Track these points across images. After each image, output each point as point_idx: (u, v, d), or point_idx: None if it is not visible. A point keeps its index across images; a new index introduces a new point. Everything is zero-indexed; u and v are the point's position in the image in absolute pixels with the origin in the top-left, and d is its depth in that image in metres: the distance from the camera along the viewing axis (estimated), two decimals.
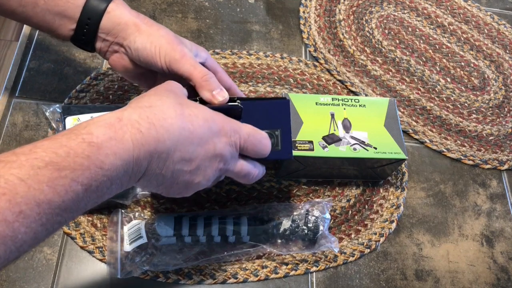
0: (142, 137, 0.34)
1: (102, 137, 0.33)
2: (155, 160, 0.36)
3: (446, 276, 0.59)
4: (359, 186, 0.63)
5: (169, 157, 0.36)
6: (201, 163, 0.39)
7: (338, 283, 0.56)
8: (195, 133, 0.37)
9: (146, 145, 0.34)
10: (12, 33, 0.68)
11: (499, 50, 0.83)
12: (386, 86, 0.74)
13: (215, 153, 0.39)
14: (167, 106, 0.37)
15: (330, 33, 0.78)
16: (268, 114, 0.47)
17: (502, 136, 0.73)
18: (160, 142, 0.35)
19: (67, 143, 0.31)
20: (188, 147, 0.37)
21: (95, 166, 0.32)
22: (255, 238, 0.53)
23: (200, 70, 0.45)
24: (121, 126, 0.34)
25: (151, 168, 0.36)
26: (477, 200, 0.66)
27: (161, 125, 0.35)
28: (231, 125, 0.41)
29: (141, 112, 0.35)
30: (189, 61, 0.45)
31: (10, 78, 0.63)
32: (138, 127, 0.34)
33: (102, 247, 0.53)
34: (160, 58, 0.45)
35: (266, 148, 0.44)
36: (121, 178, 0.34)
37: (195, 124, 0.38)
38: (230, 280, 0.54)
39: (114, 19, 0.46)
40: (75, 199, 0.31)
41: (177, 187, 0.40)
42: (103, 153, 0.32)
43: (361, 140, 0.57)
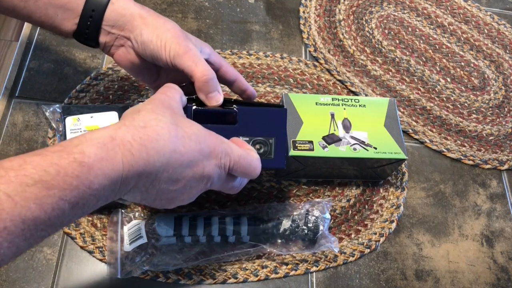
0: (132, 158, 0.34)
1: (94, 157, 0.33)
2: (143, 180, 0.36)
3: (446, 276, 0.59)
4: (359, 186, 0.63)
5: (157, 178, 0.36)
6: (187, 184, 0.39)
7: (338, 283, 0.56)
8: (185, 156, 0.37)
9: (135, 166, 0.34)
10: (12, 33, 0.68)
11: (499, 50, 0.83)
12: (386, 86, 0.74)
13: (203, 175, 0.39)
14: (161, 127, 0.37)
15: (330, 33, 0.78)
16: (264, 121, 0.47)
17: (502, 136, 0.73)
18: (150, 164, 0.35)
19: (58, 162, 0.31)
20: (177, 169, 0.37)
21: (84, 186, 0.32)
22: (255, 238, 0.53)
23: (201, 68, 0.44)
24: (113, 146, 0.34)
25: (138, 187, 0.36)
26: (477, 200, 0.66)
27: (152, 147, 0.35)
28: (223, 148, 0.41)
29: (135, 132, 0.35)
30: (192, 57, 0.44)
31: (10, 78, 0.63)
32: (130, 149, 0.34)
33: (102, 247, 0.53)
34: (166, 52, 0.44)
35: (255, 171, 0.44)
36: (107, 196, 0.34)
37: (187, 146, 0.38)
38: (230, 280, 0.54)
39: (119, 10, 0.45)
40: (60, 216, 0.31)
41: (159, 202, 0.40)
42: (93, 174, 0.32)
43: (361, 140, 0.57)
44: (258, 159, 0.44)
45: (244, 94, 0.52)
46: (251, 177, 0.44)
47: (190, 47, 0.44)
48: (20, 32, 0.69)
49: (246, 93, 0.52)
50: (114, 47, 0.48)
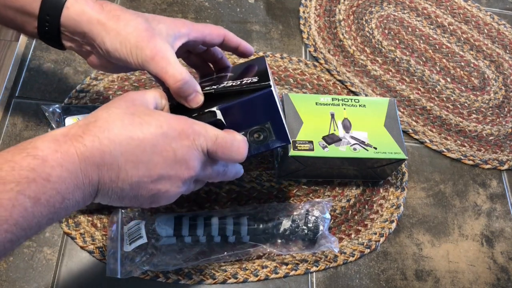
0: (86, 149, 0.33)
1: (47, 150, 0.32)
2: (105, 172, 0.34)
3: (446, 276, 0.59)
4: (359, 186, 0.63)
5: (121, 168, 0.35)
6: (163, 172, 0.37)
7: (338, 283, 0.56)
8: (145, 141, 0.35)
9: (91, 158, 0.33)
10: (12, 33, 0.68)
11: (499, 50, 0.83)
12: (386, 86, 0.74)
13: (176, 159, 0.37)
14: (114, 118, 0.35)
15: (330, 33, 0.78)
16: (253, 111, 0.44)
17: (502, 136, 0.73)
18: (106, 153, 0.34)
19: (12, 158, 0.31)
20: (141, 156, 0.35)
21: (41, 178, 0.31)
22: (255, 238, 0.53)
23: (172, 74, 0.40)
24: (65, 140, 0.33)
25: (105, 182, 0.35)
26: (477, 200, 0.66)
27: (105, 136, 0.34)
28: (194, 128, 0.38)
29: (85, 128, 0.34)
30: (160, 62, 0.40)
31: (10, 78, 0.63)
32: (82, 141, 0.33)
33: (102, 247, 0.53)
34: (133, 59, 0.41)
35: (238, 151, 0.40)
36: (73, 192, 0.33)
37: (145, 131, 0.35)
38: (230, 280, 0.54)
39: (75, 16, 0.41)
40: (24, 214, 0.30)
41: (143, 199, 0.38)
42: (49, 165, 0.31)
43: (361, 140, 0.57)
44: (242, 140, 0.41)
45: (237, 51, 0.49)
46: (235, 159, 0.41)
47: (158, 49, 0.40)
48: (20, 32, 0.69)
49: (239, 50, 0.49)
50: (83, 53, 0.45)
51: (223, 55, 0.52)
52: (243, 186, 0.60)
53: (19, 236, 0.31)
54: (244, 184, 0.60)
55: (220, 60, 0.52)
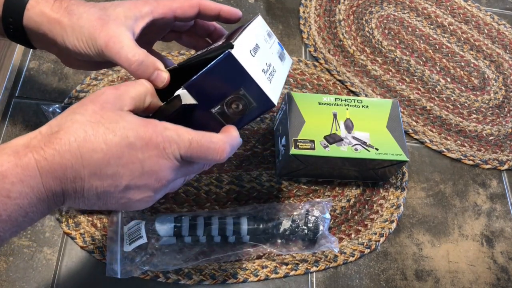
0: (47, 164, 0.31)
1: (7, 164, 0.30)
2: (69, 185, 0.33)
3: (446, 276, 0.59)
4: (359, 186, 0.63)
5: (85, 182, 0.33)
6: (131, 183, 0.35)
7: (338, 283, 0.56)
8: (109, 153, 0.33)
9: (53, 172, 0.32)
10: None
11: (499, 50, 0.83)
12: (386, 86, 0.74)
13: (144, 170, 0.35)
14: (76, 127, 0.33)
15: (330, 33, 0.78)
16: (218, 80, 0.39)
17: (502, 136, 0.73)
18: (68, 168, 0.32)
19: None
20: (105, 169, 0.33)
21: (1, 195, 0.29)
22: (255, 238, 0.53)
23: (125, 56, 0.38)
24: (26, 153, 0.31)
25: (69, 193, 0.33)
26: (477, 200, 0.66)
27: (66, 150, 0.32)
28: (165, 135, 0.35)
29: (47, 139, 0.32)
30: (113, 47, 0.38)
31: (10, 78, 0.63)
32: (43, 154, 0.31)
33: (102, 247, 0.53)
34: (91, 50, 0.39)
35: (218, 153, 0.37)
36: (37, 205, 0.32)
37: (109, 143, 0.33)
38: (230, 280, 0.54)
39: (36, 17, 0.40)
40: None
41: (113, 206, 0.36)
42: (9, 181, 0.30)
43: (362, 140, 0.57)
44: (221, 140, 0.38)
45: (220, 19, 0.45)
46: (214, 161, 0.38)
47: (111, 34, 0.38)
48: None
49: (222, 15, 0.45)
50: (55, 53, 0.44)
51: (216, 25, 0.48)
52: (243, 186, 0.60)
53: None
54: (244, 184, 0.60)
55: (214, 31, 0.48)
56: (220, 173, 0.60)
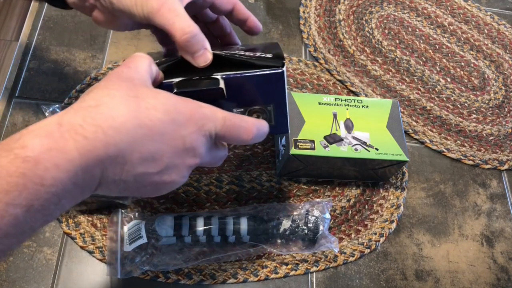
0: (88, 143, 0.29)
1: (39, 148, 0.28)
2: (109, 165, 0.31)
3: (446, 276, 0.59)
4: (359, 186, 0.63)
5: (127, 161, 0.31)
6: (170, 161, 0.33)
7: (338, 283, 0.56)
8: (155, 129, 0.32)
9: (94, 152, 0.29)
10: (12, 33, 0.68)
11: (499, 50, 0.83)
12: (386, 86, 0.74)
13: (185, 147, 0.34)
14: (117, 102, 0.31)
15: (330, 33, 0.78)
16: (258, 88, 0.40)
17: (502, 136, 0.73)
18: (111, 145, 0.30)
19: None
20: (149, 146, 0.32)
21: (33, 183, 0.27)
22: (255, 238, 0.53)
23: (179, 26, 0.36)
24: (61, 133, 0.29)
25: (107, 176, 0.31)
26: (477, 200, 0.66)
27: (110, 125, 0.30)
28: (202, 112, 0.34)
29: (85, 113, 0.30)
30: (167, 13, 0.36)
31: (10, 78, 0.63)
32: (82, 132, 0.29)
33: (102, 247, 0.53)
34: (138, 10, 0.37)
35: (248, 132, 0.37)
36: (71, 191, 0.29)
37: (153, 118, 0.32)
38: (230, 280, 0.54)
39: None
40: (14, 223, 0.27)
41: (145, 190, 0.34)
42: (42, 168, 0.27)
43: (362, 140, 0.57)
44: (248, 120, 0.37)
45: (245, 25, 0.46)
46: (243, 141, 0.38)
47: (164, 0, 0.37)
48: (20, 32, 0.69)
49: (247, 24, 0.46)
50: (86, 9, 0.42)
51: (232, 30, 0.49)
52: (243, 186, 0.60)
53: (10, 244, 0.28)
54: (244, 184, 0.60)
55: (229, 35, 0.48)
56: (220, 173, 0.60)
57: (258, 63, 0.39)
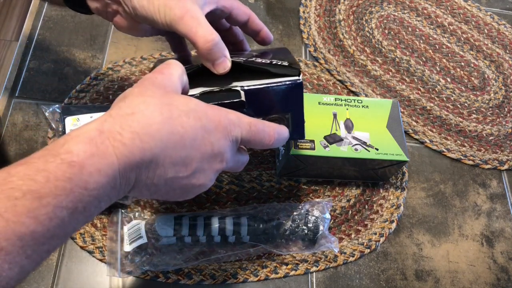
0: (126, 149, 0.31)
1: (83, 154, 0.29)
2: (143, 171, 0.33)
3: (446, 276, 0.59)
4: (359, 186, 0.63)
5: (159, 166, 0.33)
6: (199, 166, 0.35)
7: (338, 283, 0.56)
8: (186, 136, 0.34)
9: (131, 157, 0.31)
10: (12, 33, 0.68)
11: (499, 50, 0.83)
12: (386, 86, 0.74)
13: (214, 153, 0.35)
14: (152, 110, 0.33)
15: (330, 33, 0.78)
16: (278, 98, 0.41)
17: (502, 136, 0.73)
18: (147, 151, 0.32)
19: (45, 167, 0.28)
20: (180, 151, 0.34)
21: (78, 187, 0.29)
22: (255, 238, 0.53)
23: (202, 34, 0.38)
24: (102, 140, 0.30)
25: (141, 180, 0.33)
26: (477, 200, 0.66)
27: (145, 132, 0.32)
28: (229, 118, 0.36)
29: (123, 121, 0.32)
30: (189, 22, 0.38)
31: (10, 78, 0.63)
32: (121, 139, 0.31)
33: (102, 247, 0.53)
34: (160, 17, 0.38)
35: (270, 137, 0.39)
36: (109, 194, 0.31)
37: (185, 125, 0.34)
38: (230, 280, 0.54)
39: None
40: (61, 225, 0.28)
41: (174, 193, 0.36)
42: (86, 173, 0.29)
43: (362, 140, 0.57)
44: (270, 125, 0.39)
45: (258, 36, 0.48)
46: (266, 145, 0.40)
47: (188, 8, 0.38)
48: (20, 32, 0.69)
49: (260, 35, 0.47)
50: (109, 14, 0.43)
51: (244, 37, 0.50)
52: (243, 186, 0.60)
53: (55, 245, 0.29)
54: (244, 184, 0.60)
55: (240, 43, 0.50)
56: (220, 173, 0.60)
57: (275, 71, 0.40)
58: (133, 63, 0.68)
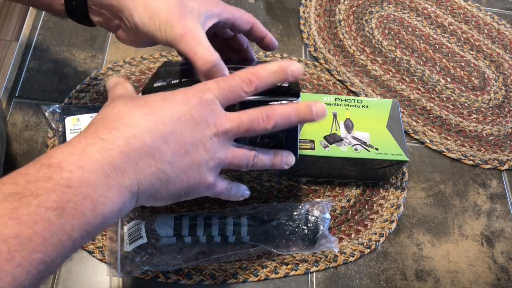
0: (106, 143, 0.30)
1: (61, 155, 0.29)
2: (138, 158, 0.31)
3: (446, 276, 0.59)
4: (359, 186, 0.63)
5: (152, 148, 0.32)
6: (190, 138, 0.34)
7: (338, 283, 0.56)
8: (160, 114, 0.33)
9: (116, 148, 0.30)
10: (12, 33, 0.68)
11: (499, 50, 0.83)
12: (386, 86, 0.74)
13: (195, 120, 0.35)
14: (119, 108, 0.33)
15: (330, 33, 0.78)
16: None
17: (502, 136, 0.73)
18: (131, 138, 0.31)
19: (26, 171, 0.28)
20: (164, 128, 0.33)
21: (60, 186, 0.28)
22: (255, 238, 0.53)
23: (201, 54, 0.38)
24: (79, 140, 0.31)
25: (142, 170, 0.32)
26: (477, 200, 0.66)
27: (122, 123, 0.32)
28: (196, 86, 0.37)
29: (95, 125, 0.32)
30: (190, 41, 0.38)
31: (10, 78, 0.63)
32: (98, 136, 0.31)
33: (102, 247, 0.53)
34: (161, 35, 0.39)
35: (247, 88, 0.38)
36: (105, 194, 0.29)
37: (154, 106, 0.34)
38: (230, 280, 0.54)
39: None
40: (50, 229, 0.27)
41: (186, 177, 0.35)
42: (66, 170, 0.28)
43: (362, 140, 0.57)
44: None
45: (262, 43, 0.48)
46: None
47: (188, 28, 0.38)
48: (20, 32, 0.69)
49: (264, 41, 0.48)
50: (111, 28, 0.44)
51: (249, 45, 0.50)
52: None
53: (52, 256, 0.27)
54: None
55: (245, 50, 0.50)
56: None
57: (274, 90, 0.40)
58: (133, 63, 0.68)
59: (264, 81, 0.38)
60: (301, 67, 0.40)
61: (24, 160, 0.57)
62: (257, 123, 0.37)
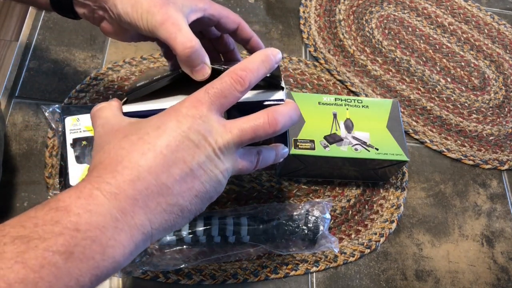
0: (111, 187, 0.30)
1: (69, 199, 0.29)
2: (147, 199, 0.31)
3: (446, 277, 0.59)
4: (359, 186, 0.63)
5: (160, 186, 0.31)
6: (192, 160, 0.33)
7: (338, 283, 0.56)
8: (157, 148, 0.32)
9: (122, 192, 0.30)
10: (12, 33, 0.68)
11: (499, 50, 0.83)
12: (386, 86, 0.74)
13: (191, 138, 0.33)
14: (114, 152, 0.32)
15: (330, 33, 0.78)
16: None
17: (502, 136, 0.73)
18: (135, 181, 0.31)
19: (35, 214, 0.28)
20: (165, 160, 0.32)
21: (68, 229, 0.27)
22: (255, 238, 0.53)
23: (181, 40, 0.37)
24: (85, 185, 0.30)
25: (154, 210, 0.31)
26: (477, 200, 0.66)
27: (123, 166, 0.31)
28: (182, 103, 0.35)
29: (97, 170, 0.32)
30: (170, 28, 0.38)
31: (10, 78, 0.63)
32: (103, 180, 0.30)
33: None
34: (143, 23, 0.39)
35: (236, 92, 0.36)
36: (114, 237, 0.29)
37: (149, 140, 0.33)
38: (230, 280, 0.54)
39: None
40: (56, 273, 0.26)
41: (198, 201, 0.34)
42: (74, 214, 0.28)
43: (362, 140, 0.57)
44: None
45: (248, 44, 0.47)
46: None
47: (169, 14, 0.38)
48: (20, 32, 0.69)
49: (250, 43, 0.47)
50: (95, 19, 0.44)
51: (236, 47, 0.50)
52: (243, 186, 0.60)
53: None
54: (244, 184, 0.60)
55: (231, 52, 0.50)
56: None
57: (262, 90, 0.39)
58: (133, 63, 0.68)
59: (255, 74, 0.36)
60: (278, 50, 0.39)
61: (24, 160, 0.57)
62: (263, 129, 0.36)
